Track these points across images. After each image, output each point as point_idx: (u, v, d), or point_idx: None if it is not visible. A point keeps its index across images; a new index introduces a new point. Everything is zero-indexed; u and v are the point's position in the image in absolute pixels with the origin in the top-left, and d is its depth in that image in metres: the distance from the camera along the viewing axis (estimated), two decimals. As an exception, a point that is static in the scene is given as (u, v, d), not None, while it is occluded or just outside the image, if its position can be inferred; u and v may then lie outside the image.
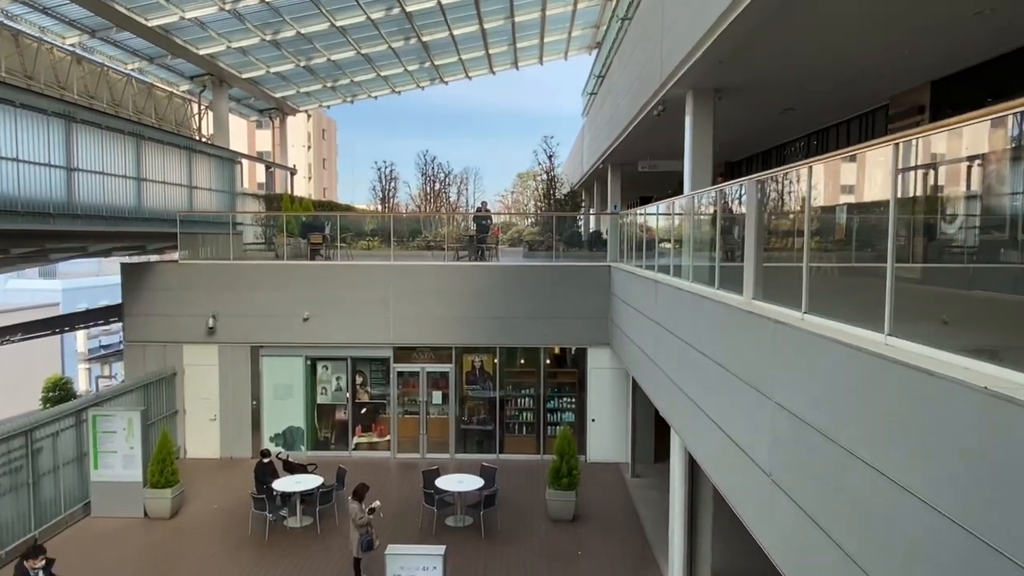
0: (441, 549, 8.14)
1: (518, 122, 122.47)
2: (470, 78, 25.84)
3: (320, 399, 17.66)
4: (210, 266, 17.21)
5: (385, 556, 8.16)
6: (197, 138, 20.01)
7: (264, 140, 46.23)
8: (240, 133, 46.64)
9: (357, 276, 16.96)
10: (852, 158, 5.59)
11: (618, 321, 15.22)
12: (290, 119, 74.34)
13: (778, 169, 5.97)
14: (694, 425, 8.17)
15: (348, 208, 27.23)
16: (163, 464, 13.48)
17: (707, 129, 10.83)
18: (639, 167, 17.83)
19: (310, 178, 70.03)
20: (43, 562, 8.45)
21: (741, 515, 6.33)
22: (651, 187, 24.68)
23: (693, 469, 10.39)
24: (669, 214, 11.80)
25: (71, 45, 15.95)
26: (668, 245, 11.74)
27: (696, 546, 10.57)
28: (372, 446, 17.57)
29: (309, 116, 74.27)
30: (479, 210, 19.60)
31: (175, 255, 17.29)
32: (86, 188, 13.50)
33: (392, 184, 35.52)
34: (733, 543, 12.46)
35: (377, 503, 11.02)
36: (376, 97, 26.17)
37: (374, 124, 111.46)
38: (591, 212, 23.52)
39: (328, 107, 26.43)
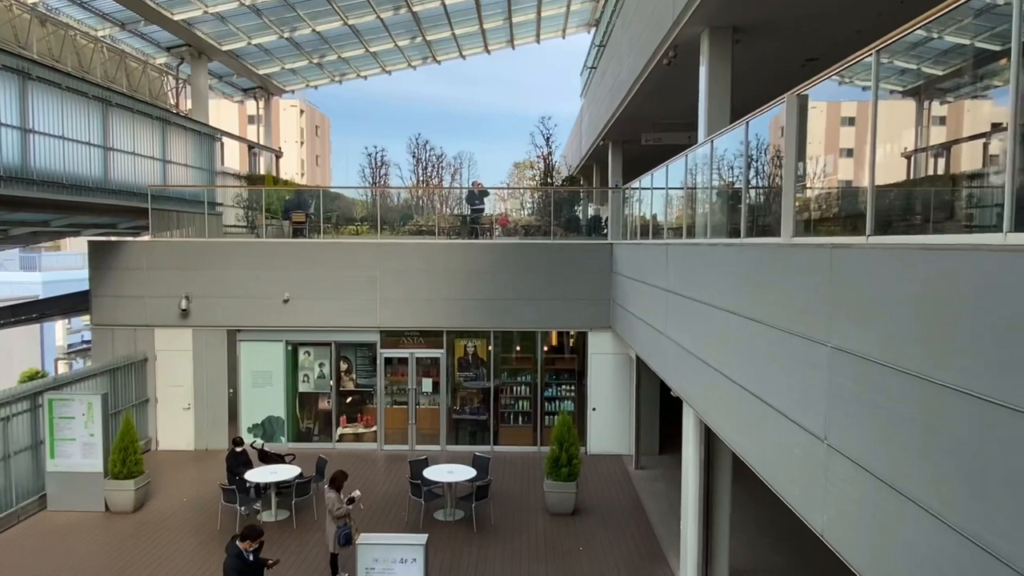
0: (422, 538, 7.01)
1: (514, 124, 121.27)
2: (464, 57, 24.72)
3: (302, 387, 16.52)
4: (183, 244, 16.08)
5: (356, 547, 7.02)
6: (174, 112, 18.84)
7: (256, 132, 45.03)
8: (232, 124, 45.50)
9: (342, 254, 15.85)
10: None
11: (622, 300, 14.15)
12: (283, 114, 72.88)
13: (830, 70, 4.90)
14: (716, 396, 7.09)
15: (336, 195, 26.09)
16: (125, 453, 12.32)
17: (725, 78, 9.76)
18: (643, 140, 16.77)
19: (303, 174, 68.96)
20: (256, 545, 7.91)
21: (783, 494, 5.24)
22: (654, 168, 23.56)
23: (709, 453, 9.33)
24: (679, 189, 10.72)
25: (32, 3, 14.82)
26: (673, 229, 10.72)
27: (712, 539, 9.49)
28: (358, 437, 16.44)
29: (302, 112, 73.48)
30: (472, 192, 18.46)
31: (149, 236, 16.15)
32: (44, 153, 12.34)
33: (383, 170, 34.36)
34: (753, 535, 11.41)
35: (357, 492, 9.91)
36: (366, 77, 25.04)
37: (367, 125, 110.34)
38: (592, 188, 22.49)
39: (316, 87, 25.25)
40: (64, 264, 41.52)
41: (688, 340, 8.29)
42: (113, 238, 16.90)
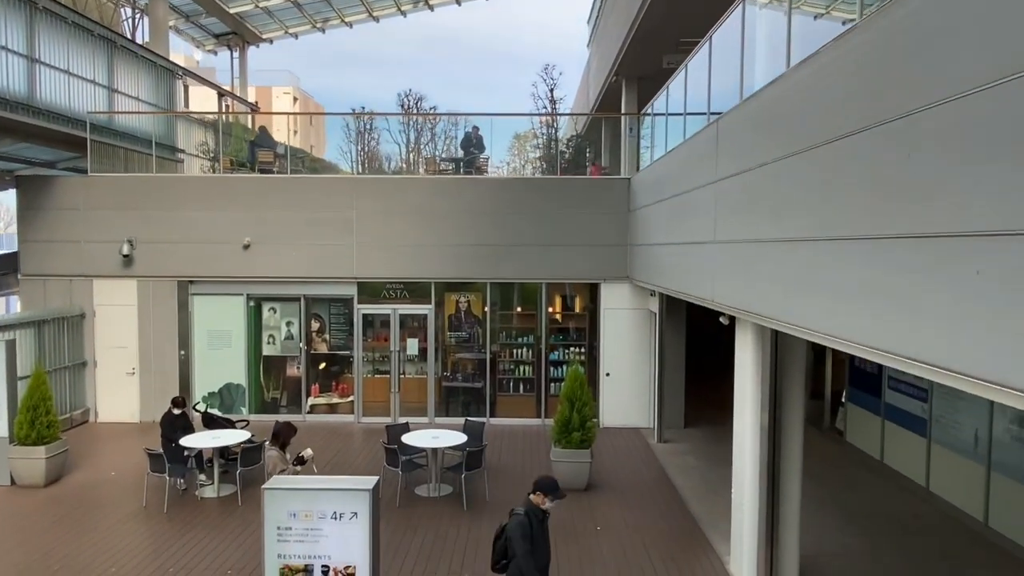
0: (369, 482, 4.58)
1: (515, 123, 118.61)
2: (459, 3, 22.46)
3: (267, 350, 14.16)
4: (127, 179, 13.73)
5: (262, 493, 4.57)
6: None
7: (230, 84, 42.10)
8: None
9: (312, 193, 13.50)
10: None
11: (643, 238, 11.83)
12: (276, 101, 70.11)
13: None
14: (824, 287, 4.77)
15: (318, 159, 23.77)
16: (35, 413, 9.95)
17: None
18: (664, 63, 14.42)
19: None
20: None
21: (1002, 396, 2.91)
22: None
23: (775, 402, 7.01)
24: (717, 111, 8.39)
25: None
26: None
27: (779, 518, 7.15)
28: (332, 408, 14.08)
29: (296, 100, 71.23)
30: (469, 136, 16.16)
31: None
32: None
33: (370, 136, 31.77)
34: (815, 515, 9.12)
35: (308, 451, 7.63)
36: (351, 24, 22.67)
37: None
38: (606, 114, 20.16)
39: (296, 35, 22.92)
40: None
41: (760, 228, 5.97)
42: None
